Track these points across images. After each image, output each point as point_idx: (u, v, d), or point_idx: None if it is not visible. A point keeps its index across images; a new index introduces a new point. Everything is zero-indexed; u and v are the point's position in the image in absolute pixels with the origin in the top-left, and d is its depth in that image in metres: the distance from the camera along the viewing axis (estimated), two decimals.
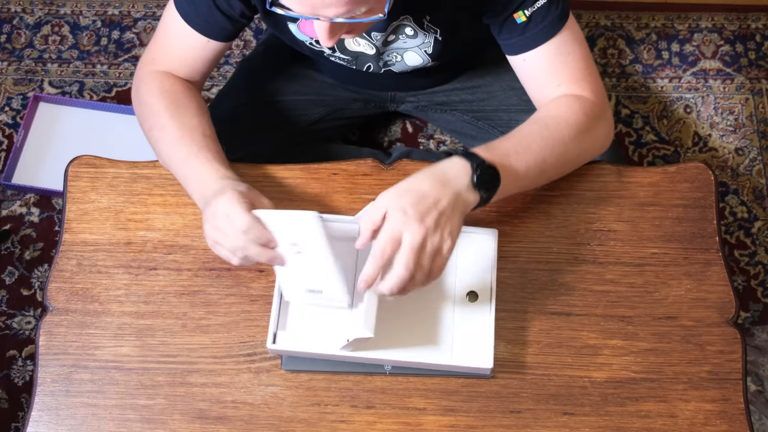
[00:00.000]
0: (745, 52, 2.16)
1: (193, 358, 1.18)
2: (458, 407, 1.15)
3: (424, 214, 1.05)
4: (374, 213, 1.07)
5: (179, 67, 1.31)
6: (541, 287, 1.21)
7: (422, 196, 1.07)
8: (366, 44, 1.33)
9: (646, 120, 2.07)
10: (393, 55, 1.35)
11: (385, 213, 1.07)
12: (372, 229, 1.07)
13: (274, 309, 1.16)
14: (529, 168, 1.17)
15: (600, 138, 1.27)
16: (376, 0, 1.05)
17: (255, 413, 1.15)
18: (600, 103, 1.26)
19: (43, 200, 1.98)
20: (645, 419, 1.14)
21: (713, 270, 1.22)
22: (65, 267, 1.23)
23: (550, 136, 1.19)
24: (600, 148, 1.28)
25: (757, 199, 1.99)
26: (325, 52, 1.35)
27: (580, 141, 1.22)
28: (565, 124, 1.21)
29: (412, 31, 1.29)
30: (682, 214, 1.25)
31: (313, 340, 1.15)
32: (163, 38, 1.32)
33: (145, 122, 1.28)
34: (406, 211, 1.05)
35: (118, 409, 1.15)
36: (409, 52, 1.34)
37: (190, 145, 1.22)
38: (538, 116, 1.24)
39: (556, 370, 1.17)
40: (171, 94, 1.28)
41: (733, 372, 1.17)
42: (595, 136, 1.26)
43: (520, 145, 1.17)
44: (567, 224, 1.25)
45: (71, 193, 1.28)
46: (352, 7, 1.03)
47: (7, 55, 2.14)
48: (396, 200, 1.07)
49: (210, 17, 1.27)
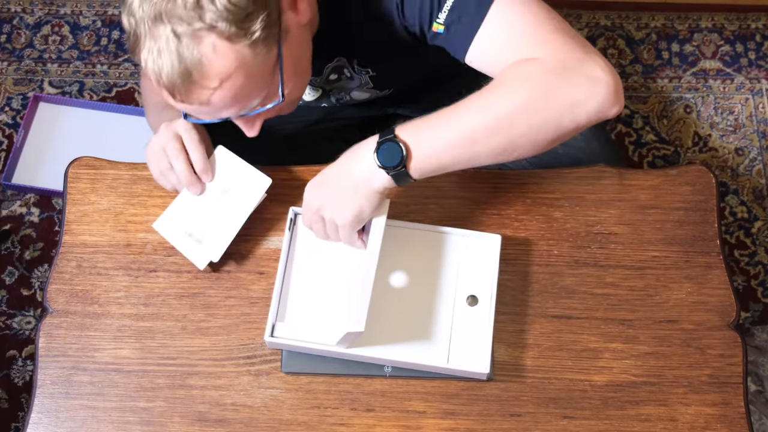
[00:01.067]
0: (745, 52, 2.16)
1: (193, 360, 1.18)
2: (458, 410, 1.15)
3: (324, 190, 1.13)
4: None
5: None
6: (542, 290, 1.21)
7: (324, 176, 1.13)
8: (308, 90, 1.34)
9: (646, 120, 2.07)
10: (342, 93, 1.37)
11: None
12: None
13: (274, 302, 1.16)
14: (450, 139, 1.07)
15: (569, 97, 1.05)
16: (264, 89, 1.06)
17: (254, 416, 1.15)
18: (560, 59, 1.06)
19: (43, 200, 1.98)
20: (645, 423, 1.14)
21: (714, 273, 1.22)
22: (65, 269, 1.23)
23: (482, 105, 1.06)
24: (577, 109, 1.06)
25: (757, 199, 1.99)
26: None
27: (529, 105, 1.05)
28: (504, 88, 1.06)
29: (348, 72, 1.30)
30: (683, 217, 1.25)
31: (311, 333, 1.15)
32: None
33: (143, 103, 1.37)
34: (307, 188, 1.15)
35: (117, 411, 1.15)
36: (354, 91, 1.35)
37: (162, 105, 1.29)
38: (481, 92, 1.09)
39: (557, 373, 1.17)
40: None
41: (733, 376, 1.17)
42: (558, 96, 1.05)
43: (443, 115, 1.08)
44: (567, 227, 1.25)
45: (71, 194, 1.27)
46: (241, 105, 1.06)
47: (7, 55, 2.14)
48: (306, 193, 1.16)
49: None
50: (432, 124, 1.08)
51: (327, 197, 1.13)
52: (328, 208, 1.13)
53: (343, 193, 1.11)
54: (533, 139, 1.07)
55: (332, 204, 1.12)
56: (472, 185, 1.27)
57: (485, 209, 1.25)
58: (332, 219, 1.13)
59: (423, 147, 1.07)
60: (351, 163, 1.11)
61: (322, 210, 1.14)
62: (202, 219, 1.21)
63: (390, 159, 1.07)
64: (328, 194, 1.12)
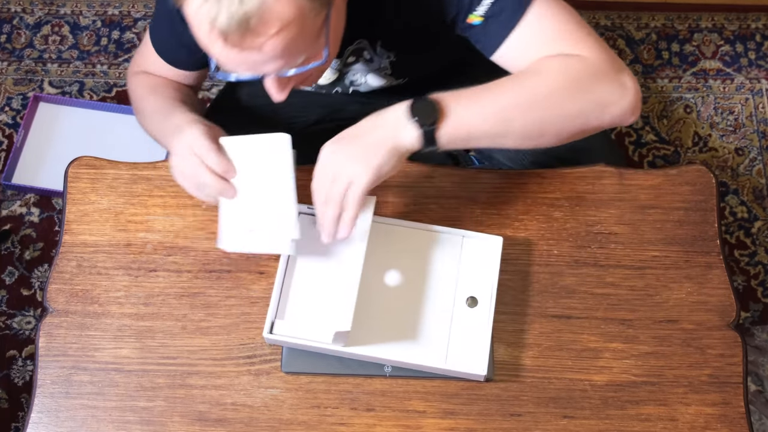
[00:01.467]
0: (745, 52, 2.16)
1: (193, 360, 1.18)
2: (458, 410, 1.15)
3: (343, 145, 1.09)
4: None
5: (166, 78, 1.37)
6: (542, 290, 1.21)
7: (352, 132, 1.10)
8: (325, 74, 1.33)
9: (646, 120, 2.07)
10: (357, 76, 1.35)
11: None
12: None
13: (273, 300, 1.15)
14: (485, 108, 1.09)
15: (603, 96, 1.11)
16: (312, 47, 1.05)
17: (255, 415, 1.15)
18: (601, 62, 1.12)
19: (43, 200, 1.98)
20: (645, 423, 1.14)
21: (714, 273, 1.22)
22: (65, 268, 1.23)
23: (521, 85, 1.10)
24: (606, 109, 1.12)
25: (757, 199, 1.99)
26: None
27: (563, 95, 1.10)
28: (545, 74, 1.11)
29: (369, 55, 1.29)
30: (683, 217, 1.25)
31: (309, 331, 1.15)
32: (144, 57, 1.37)
33: (137, 113, 1.34)
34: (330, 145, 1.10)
35: (117, 410, 1.15)
36: (371, 74, 1.34)
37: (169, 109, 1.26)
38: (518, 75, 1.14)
39: (557, 373, 1.17)
40: (154, 82, 1.34)
41: (733, 375, 1.17)
42: (594, 92, 1.11)
43: (480, 89, 1.10)
44: (568, 227, 1.25)
45: (71, 194, 1.27)
46: (288, 59, 1.03)
47: (7, 55, 2.14)
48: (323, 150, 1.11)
49: (178, 53, 1.31)
50: (470, 94, 1.09)
51: (346, 152, 1.09)
52: (347, 164, 1.08)
53: (364, 149, 1.08)
54: (560, 127, 1.12)
55: (351, 159, 1.08)
56: (472, 185, 1.27)
57: (485, 209, 1.25)
58: (348, 176, 1.08)
59: (458, 112, 1.08)
60: (377, 120, 1.10)
61: (339, 166, 1.08)
62: (255, 211, 1.17)
63: (424, 114, 1.07)
64: (348, 149, 1.09)
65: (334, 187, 1.09)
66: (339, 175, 1.08)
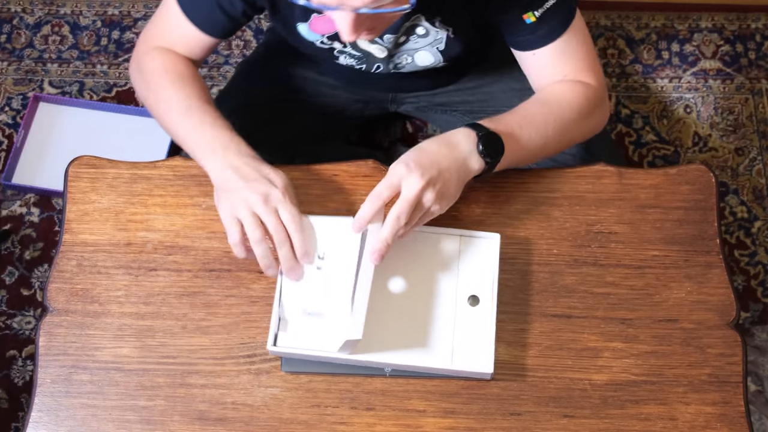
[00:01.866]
0: (745, 52, 2.16)
1: (193, 359, 1.18)
2: (458, 409, 1.15)
3: (426, 169, 1.11)
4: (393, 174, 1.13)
5: (179, 50, 1.32)
6: (542, 289, 1.21)
7: (428, 153, 1.14)
8: (377, 48, 1.32)
9: (646, 120, 2.07)
10: (404, 57, 1.35)
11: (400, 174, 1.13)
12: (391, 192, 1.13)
13: (275, 311, 1.15)
14: (532, 140, 1.22)
15: (597, 122, 1.33)
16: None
17: (255, 415, 1.15)
18: (601, 90, 1.31)
19: (43, 200, 1.98)
20: (645, 422, 1.14)
21: (714, 272, 1.22)
22: (65, 268, 1.23)
23: (551, 113, 1.24)
24: (595, 130, 1.34)
25: (757, 199, 1.99)
26: (336, 48, 1.35)
27: (581, 124, 1.28)
28: (567, 105, 1.26)
29: (423, 30, 1.29)
30: (682, 217, 1.25)
31: (314, 341, 1.15)
32: (162, 23, 1.32)
33: (149, 97, 1.30)
34: (409, 164, 1.11)
35: (117, 410, 1.15)
36: (421, 51, 1.34)
37: (202, 114, 1.22)
38: (542, 96, 1.29)
39: (557, 372, 1.17)
40: (174, 68, 1.29)
41: (733, 375, 1.17)
42: (594, 120, 1.31)
43: (523, 120, 1.22)
44: (567, 226, 1.25)
45: (71, 193, 1.27)
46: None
47: (7, 55, 2.14)
48: (406, 156, 1.14)
49: (211, 15, 1.27)
50: (519, 127, 1.21)
51: (439, 169, 1.13)
52: (439, 182, 1.12)
53: (451, 172, 1.14)
54: (564, 146, 1.30)
55: (443, 178, 1.13)
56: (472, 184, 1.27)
57: (485, 208, 1.25)
58: (440, 192, 1.13)
59: (512, 147, 1.19)
60: (450, 147, 1.16)
61: (434, 181, 1.12)
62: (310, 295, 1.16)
63: (493, 151, 1.17)
64: (440, 167, 1.13)
65: (416, 214, 1.13)
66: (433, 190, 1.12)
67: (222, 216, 1.16)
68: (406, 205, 1.10)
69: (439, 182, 1.12)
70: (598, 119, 1.33)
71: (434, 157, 1.13)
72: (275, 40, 1.64)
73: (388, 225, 1.10)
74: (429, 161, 1.12)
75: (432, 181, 1.11)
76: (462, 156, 1.15)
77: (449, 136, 1.17)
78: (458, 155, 1.15)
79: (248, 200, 1.13)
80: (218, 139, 1.19)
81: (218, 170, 1.17)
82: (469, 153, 1.16)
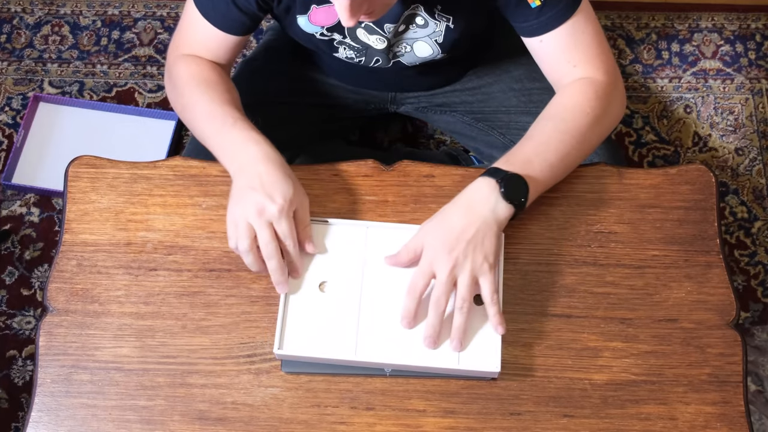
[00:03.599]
0: (745, 52, 2.16)
1: (193, 359, 1.18)
2: (458, 409, 1.15)
3: (452, 246, 1.12)
4: (415, 243, 1.15)
5: (205, 54, 1.33)
6: (542, 289, 1.21)
7: (451, 229, 1.13)
8: (376, 39, 1.32)
9: (646, 120, 2.07)
10: (403, 45, 1.35)
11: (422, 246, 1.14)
12: (410, 257, 1.16)
13: (280, 314, 1.15)
14: (554, 166, 1.20)
15: (615, 116, 1.30)
16: None
17: (255, 414, 1.15)
18: (613, 80, 1.28)
19: (43, 200, 1.98)
20: (645, 422, 1.14)
21: (714, 272, 1.22)
22: (65, 267, 1.23)
23: (568, 130, 1.22)
24: (615, 123, 1.31)
25: (757, 199, 1.99)
26: (335, 40, 1.35)
27: (599, 125, 1.25)
28: (582, 113, 1.23)
29: (422, 20, 1.29)
30: (682, 216, 1.25)
31: (320, 345, 1.14)
32: (186, 29, 1.33)
33: (177, 103, 1.31)
34: (436, 246, 1.13)
35: (117, 409, 1.15)
36: (419, 42, 1.34)
37: (224, 117, 1.23)
38: (553, 111, 1.26)
39: (557, 372, 1.17)
40: (200, 74, 1.30)
41: (733, 375, 1.17)
42: (611, 114, 1.28)
43: (539, 146, 1.20)
44: (567, 226, 1.25)
45: (71, 193, 1.27)
46: None
47: (7, 55, 2.14)
48: (430, 235, 1.14)
49: (227, 13, 1.28)
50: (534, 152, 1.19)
51: (467, 240, 1.13)
52: (470, 251, 1.13)
53: (480, 236, 1.13)
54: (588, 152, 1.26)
55: (473, 245, 1.13)
56: None
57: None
58: (475, 262, 1.12)
59: (536, 180, 1.18)
60: (472, 209, 1.14)
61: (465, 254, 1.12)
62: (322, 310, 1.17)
63: (517, 195, 1.15)
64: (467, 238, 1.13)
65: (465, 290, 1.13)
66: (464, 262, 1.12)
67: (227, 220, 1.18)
68: (442, 288, 1.12)
69: (470, 252, 1.12)
70: (616, 112, 1.29)
71: (458, 228, 1.13)
72: (275, 40, 1.64)
73: (431, 312, 1.13)
74: (454, 236, 1.12)
75: (460, 257, 1.12)
76: (487, 212, 1.14)
77: (469, 197, 1.16)
78: (483, 213, 1.14)
79: (245, 210, 1.15)
80: (236, 143, 1.20)
81: (232, 175, 1.19)
82: (494, 205, 1.15)
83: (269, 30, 1.72)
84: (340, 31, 1.32)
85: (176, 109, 1.32)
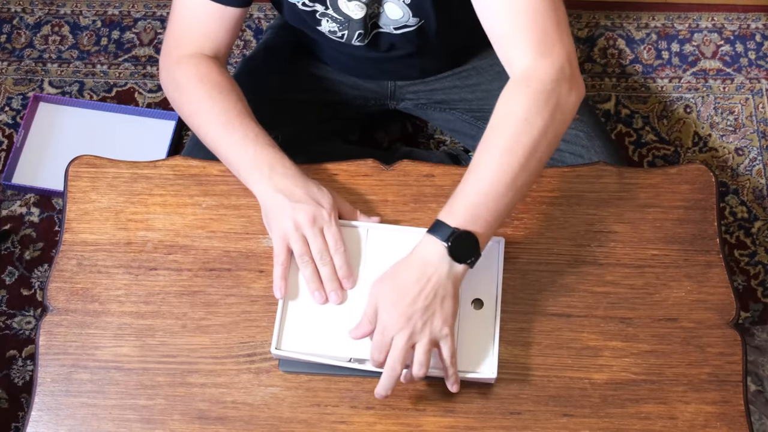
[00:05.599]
0: (745, 52, 2.16)
1: (193, 358, 1.18)
2: (458, 408, 1.15)
3: (409, 314, 1.07)
4: (371, 308, 1.11)
5: (205, 43, 1.30)
6: (542, 288, 1.21)
7: (405, 293, 1.08)
8: (355, 5, 1.31)
9: (646, 120, 2.07)
10: (375, 6, 1.32)
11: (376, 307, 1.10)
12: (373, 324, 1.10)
13: (279, 314, 1.15)
14: (504, 196, 1.10)
15: (569, 109, 1.15)
16: None
17: (255, 414, 1.15)
18: (559, 71, 1.14)
19: (43, 200, 1.98)
20: (645, 421, 1.14)
21: (714, 272, 1.22)
22: (65, 267, 1.23)
23: (508, 148, 1.11)
24: (567, 124, 1.16)
25: (757, 199, 1.99)
26: (317, 11, 1.33)
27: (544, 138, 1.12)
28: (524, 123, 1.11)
29: None
30: (682, 216, 1.25)
31: (318, 345, 1.14)
32: (181, 18, 1.31)
33: (185, 108, 1.28)
34: (392, 314, 1.08)
35: (117, 409, 1.15)
36: (390, 2, 1.31)
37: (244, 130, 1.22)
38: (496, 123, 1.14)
39: (557, 371, 1.17)
40: (209, 77, 1.27)
41: (733, 374, 1.17)
42: (563, 112, 1.14)
43: (482, 181, 1.11)
44: (567, 225, 1.25)
45: (71, 192, 1.27)
46: None
47: (7, 55, 2.14)
48: (386, 300, 1.09)
49: None
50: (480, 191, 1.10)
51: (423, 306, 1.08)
52: (426, 316, 1.08)
53: (435, 297, 1.08)
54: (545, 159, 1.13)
55: (430, 310, 1.08)
56: None
57: None
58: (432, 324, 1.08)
59: (487, 226, 1.10)
60: (424, 268, 1.09)
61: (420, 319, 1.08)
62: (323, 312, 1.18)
63: (468, 253, 1.09)
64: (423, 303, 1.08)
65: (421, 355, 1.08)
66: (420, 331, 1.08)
67: (273, 240, 1.18)
68: (397, 355, 1.07)
69: (428, 318, 1.08)
70: (570, 103, 1.15)
71: (414, 293, 1.08)
72: (275, 39, 1.64)
73: (386, 375, 1.09)
74: (409, 304, 1.07)
75: (419, 324, 1.07)
76: (441, 274, 1.08)
77: (422, 258, 1.09)
78: (438, 274, 1.08)
79: (297, 221, 1.16)
80: (263, 159, 1.20)
81: (267, 194, 1.19)
82: (448, 268, 1.09)
83: (269, 29, 1.72)
84: (322, 2, 1.31)
85: (183, 113, 1.29)
